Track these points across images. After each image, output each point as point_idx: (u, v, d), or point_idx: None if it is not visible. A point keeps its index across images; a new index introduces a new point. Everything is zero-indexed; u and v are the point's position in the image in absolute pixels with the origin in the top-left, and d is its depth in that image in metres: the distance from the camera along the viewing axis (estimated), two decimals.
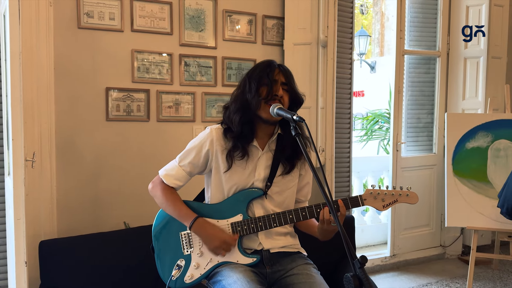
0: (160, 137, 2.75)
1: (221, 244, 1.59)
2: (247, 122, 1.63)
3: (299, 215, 1.62)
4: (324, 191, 1.20)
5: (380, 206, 1.62)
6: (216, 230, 1.61)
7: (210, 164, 1.70)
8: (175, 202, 1.68)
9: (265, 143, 1.70)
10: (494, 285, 3.37)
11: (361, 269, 1.02)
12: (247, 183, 1.68)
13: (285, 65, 1.72)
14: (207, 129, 1.73)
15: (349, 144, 3.58)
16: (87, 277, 2.15)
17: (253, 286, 1.48)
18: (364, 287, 1.00)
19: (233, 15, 2.93)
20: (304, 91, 3.03)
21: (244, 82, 1.67)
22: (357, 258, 1.04)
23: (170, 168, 1.74)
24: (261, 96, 1.60)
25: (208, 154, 1.69)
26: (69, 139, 2.54)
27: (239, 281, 1.49)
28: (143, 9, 2.66)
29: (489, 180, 3.40)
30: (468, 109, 3.87)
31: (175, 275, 1.64)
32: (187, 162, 1.70)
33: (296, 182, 1.76)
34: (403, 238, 3.81)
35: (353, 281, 1.01)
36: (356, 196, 1.61)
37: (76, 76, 2.54)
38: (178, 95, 2.79)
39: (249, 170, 1.67)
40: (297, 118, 1.40)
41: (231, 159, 1.65)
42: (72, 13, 2.51)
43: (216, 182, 1.70)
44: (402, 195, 1.64)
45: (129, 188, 2.66)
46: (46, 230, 2.42)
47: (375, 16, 14.32)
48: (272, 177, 1.68)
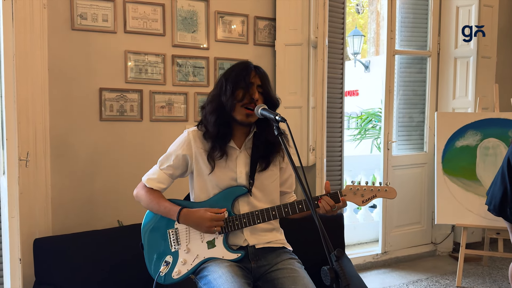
0: (153, 137, 2.80)
1: (211, 223, 1.63)
2: (223, 123, 1.67)
3: (281, 211, 1.67)
4: (304, 189, 1.25)
5: (359, 201, 1.67)
6: (201, 212, 1.65)
7: (191, 166, 1.75)
8: (159, 200, 1.73)
9: (242, 142, 1.75)
10: (484, 281, 3.43)
11: (337, 262, 1.07)
12: (230, 182, 1.73)
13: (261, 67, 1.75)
14: (184, 132, 1.78)
15: (340, 143, 3.64)
16: (81, 273, 2.19)
17: (237, 280, 1.54)
18: (340, 279, 1.05)
19: (225, 16, 2.97)
20: (295, 91, 3.13)
21: (221, 83, 1.70)
22: (333, 252, 1.09)
23: (152, 172, 1.79)
24: (237, 99, 1.64)
25: (187, 157, 1.73)
26: (64, 138, 2.58)
27: (224, 276, 1.54)
28: (136, 10, 2.71)
29: (478, 178, 3.46)
30: (458, 108, 3.93)
31: (163, 271, 1.69)
32: (167, 166, 1.76)
33: (278, 176, 1.80)
34: (394, 236, 3.87)
35: (329, 273, 1.06)
36: (336, 192, 1.66)
37: (70, 77, 2.58)
38: (171, 95, 2.84)
39: (229, 169, 1.72)
40: (279, 118, 1.45)
41: (213, 160, 1.69)
42: (66, 14, 2.55)
43: (200, 183, 1.75)
44: (380, 191, 1.68)
45: (123, 187, 2.71)
46: (41, 228, 2.47)
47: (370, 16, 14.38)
48: (253, 173, 1.72)
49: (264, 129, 1.70)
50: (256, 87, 1.67)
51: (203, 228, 1.65)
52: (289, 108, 3.08)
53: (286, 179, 1.85)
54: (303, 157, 3.13)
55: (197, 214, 1.65)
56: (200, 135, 1.73)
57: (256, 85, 1.68)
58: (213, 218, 1.63)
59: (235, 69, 1.71)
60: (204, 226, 1.64)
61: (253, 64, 1.75)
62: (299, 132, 3.11)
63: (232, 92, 1.65)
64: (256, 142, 1.74)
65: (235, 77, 1.67)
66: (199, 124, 1.77)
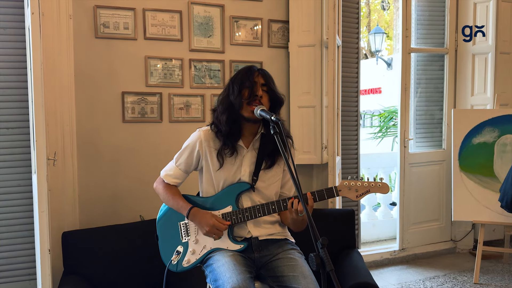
0: (172, 137, 2.95)
1: (211, 229, 1.77)
2: (233, 121, 1.81)
3: (280, 205, 1.78)
4: (296, 183, 1.35)
5: (353, 196, 1.76)
6: (207, 217, 1.79)
7: (201, 162, 1.89)
8: (174, 197, 1.89)
9: (249, 142, 1.88)
10: (503, 278, 3.41)
11: (322, 249, 1.17)
12: (235, 178, 1.86)
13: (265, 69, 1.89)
14: (196, 131, 1.92)
15: (356, 141, 3.70)
16: (105, 264, 2.37)
17: (238, 268, 1.66)
18: (325, 265, 1.15)
19: (239, 21, 3.10)
20: (309, 91, 3.22)
21: (228, 86, 1.85)
22: (319, 240, 1.19)
23: (168, 168, 1.96)
24: (243, 97, 1.78)
25: (199, 153, 1.88)
26: (89, 139, 2.77)
27: (226, 264, 1.68)
28: (155, 18, 2.87)
29: (496, 174, 3.45)
30: (477, 105, 3.91)
31: (175, 259, 1.85)
32: (181, 162, 1.92)
33: (280, 177, 1.93)
34: (412, 233, 3.89)
35: (315, 259, 1.16)
36: (331, 187, 1.76)
37: (94, 82, 2.77)
38: (189, 97, 2.98)
39: (236, 166, 1.85)
40: (274, 118, 1.56)
41: (222, 158, 1.83)
42: (90, 24, 2.73)
43: (207, 178, 1.89)
44: (374, 186, 1.76)
45: (145, 184, 2.87)
46: (69, 222, 2.67)
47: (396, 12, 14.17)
48: (257, 172, 1.85)
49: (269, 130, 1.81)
50: (260, 86, 1.80)
51: (203, 231, 1.80)
52: (302, 108, 3.18)
53: (286, 181, 1.97)
54: (317, 156, 3.22)
55: (203, 218, 1.80)
56: (212, 134, 1.87)
57: (259, 84, 1.81)
58: (215, 225, 1.77)
59: (240, 72, 1.86)
60: (204, 229, 1.79)
61: (257, 67, 1.88)
62: (313, 130, 3.20)
63: (238, 92, 1.79)
64: (264, 142, 1.86)
65: (240, 78, 1.82)
66: (211, 125, 1.91)
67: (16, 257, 2.76)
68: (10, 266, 2.75)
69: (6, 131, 2.71)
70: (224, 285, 1.59)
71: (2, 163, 2.71)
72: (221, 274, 1.64)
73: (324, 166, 3.25)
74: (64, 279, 2.26)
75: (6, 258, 2.74)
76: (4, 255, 2.74)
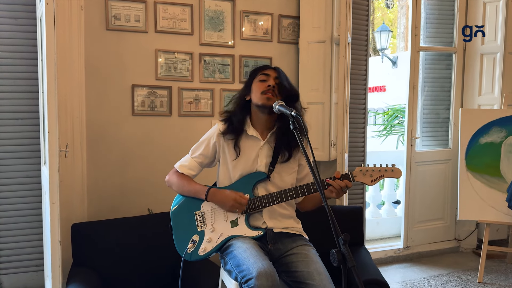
0: (181, 131, 2.95)
1: (234, 202, 1.79)
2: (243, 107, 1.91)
3: (298, 192, 1.81)
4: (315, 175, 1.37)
5: (368, 181, 1.81)
6: (227, 193, 1.83)
7: (218, 154, 1.93)
8: (189, 183, 1.92)
9: (265, 135, 1.91)
10: (506, 277, 3.42)
11: (344, 245, 1.17)
12: (252, 169, 1.89)
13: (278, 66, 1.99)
14: (215, 125, 1.98)
15: (363, 138, 3.70)
16: (114, 256, 2.37)
17: (261, 254, 1.68)
18: (346, 261, 1.15)
19: (250, 15, 3.09)
20: (318, 87, 3.21)
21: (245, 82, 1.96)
22: (341, 236, 1.19)
23: (184, 160, 1.99)
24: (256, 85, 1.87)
25: (216, 145, 1.92)
26: (99, 132, 2.76)
27: (249, 250, 1.70)
28: (166, 11, 2.85)
29: (502, 175, 3.45)
30: (484, 104, 3.90)
31: (191, 248, 1.85)
32: (198, 154, 1.95)
33: (296, 171, 1.95)
34: (416, 231, 3.90)
35: (337, 255, 1.16)
36: (347, 173, 1.81)
37: (104, 74, 2.76)
38: (198, 92, 2.98)
39: (252, 158, 1.88)
40: (295, 114, 1.57)
41: (239, 148, 1.87)
42: (101, 16, 2.72)
43: (223, 170, 1.93)
44: (387, 171, 1.82)
45: (153, 177, 2.88)
46: (77, 214, 2.67)
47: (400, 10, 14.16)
48: (274, 164, 1.88)
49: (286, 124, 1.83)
50: (273, 78, 1.86)
51: (227, 206, 1.82)
52: (311, 104, 3.17)
53: (304, 176, 1.99)
54: (325, 152, 3.22)
55: (224, 194, 1.84)
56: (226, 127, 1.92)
57: (273, 77, 1.87)
58: (236, 199, 1.80)
59: (255, 68, 1.95)
60: (228, 204, 1.81)
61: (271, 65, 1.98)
62: (321, 127, 3.20)
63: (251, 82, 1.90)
64: (280, 137, 1.89)
65: (254, 72, 1.93)
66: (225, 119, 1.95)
67: (24, 248, 2.76)
68: (17, 257, 2.76)
69: (15, 122, 2.70)
70: (250, 269, 1.59)
71: (11, 153, 2.71)
72: (245, 259, 1.65)
73: (332, 163, 3.25)
74: (73, 271, 2.26)
75: (14, 249, 2.74)
76: (12, 246, 2.74)
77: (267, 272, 1.56)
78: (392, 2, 14.91)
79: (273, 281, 1.56)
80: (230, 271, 1.74)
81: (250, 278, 1.56)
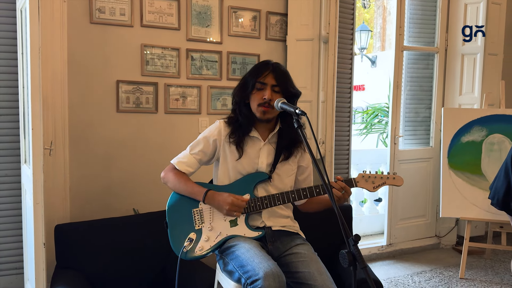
0: (167, 128, 2.88)
1: (231, 206, 1.74)
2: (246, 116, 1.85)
3: (300, 194, 1.80)
4: (323, 177, 1.33)
5: (370, 187, 1.83)
6: (224, 196, 1.78)
7: (218, 152, 1.88)
8: (187, 182, 1.85)
9: (266, 136, 1.88)
10: (486, 273, 3.51)
11: (354, 246, 1.15)
12: (252, 169, 1.85)
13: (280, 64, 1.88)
14: (216, 122, 1.92)
15: (348, 137, 3.72)
16: (99, 258, 2.29)
17: (264, 254, 1.65)
18: (357, 262, 1.13)
19: (238, 11, 3.04)
20: (305, 85, 3.19)
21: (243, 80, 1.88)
22: (351, 236, 1.17)
23: (182, 156, 1.92)
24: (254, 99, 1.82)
25: (216, 143, 1.87)
26: (82, 129, 2.66)
27: (252, 250, 1.66)
28: (152, 5, 2.78)
29: (483, 172, 3.53)
30: (465, 104, 3.99)
31: (187, 247, 1.79)
32: (197, 151, 1.89)
33: (294, 172, 1.93)
34: (399, 228, 3.95)
35: (347, 256, 1.14)
36: (350, 179, 1.82)
37: (88, 70, 2.66)
38: (185, 88, 2.91)
39: (253, 158, 1.85)
40: (299, 112, 1.54)
41: (241, 148, 1.83)
42: (85, 8, 2.62)
43: (223, 169, 1.88)
44: (389, 178, 1.84)
45: (138, 176, 2.79)
46: (59, 215, 2.56)
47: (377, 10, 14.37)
48: (275, 164, 1.85)
49: (288, 124, 1.83)
50: (270, 87, 1.79)
51: (224, 210, 1.77)
52: (299, 102, 3.14)
53: (305, 178, 1.98)
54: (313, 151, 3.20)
55: (221, 197, 1.78)
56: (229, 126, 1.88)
57: (270, 85, 1.80)
58: (234, 203, 1.74)
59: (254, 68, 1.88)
60: (224, 209, 1.76)
61: (271, 63, 1.86)
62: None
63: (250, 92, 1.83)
64: (282, 137, 1.87)
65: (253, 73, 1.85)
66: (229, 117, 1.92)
67: (2, 250, 2.64)
68: None
69: None
70: (255, 270, 1.56)
71: None
72: (249, 259, 1.61)
73: (319, 162, 3.24)
74: (58, 273, 2.18)
75: None
76: None
77: (274, 272, 1.53)
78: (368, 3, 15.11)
79: (280, 282, 1.53)
80: (232, 272, 1.70)
81: (257, 279, 1.52)
